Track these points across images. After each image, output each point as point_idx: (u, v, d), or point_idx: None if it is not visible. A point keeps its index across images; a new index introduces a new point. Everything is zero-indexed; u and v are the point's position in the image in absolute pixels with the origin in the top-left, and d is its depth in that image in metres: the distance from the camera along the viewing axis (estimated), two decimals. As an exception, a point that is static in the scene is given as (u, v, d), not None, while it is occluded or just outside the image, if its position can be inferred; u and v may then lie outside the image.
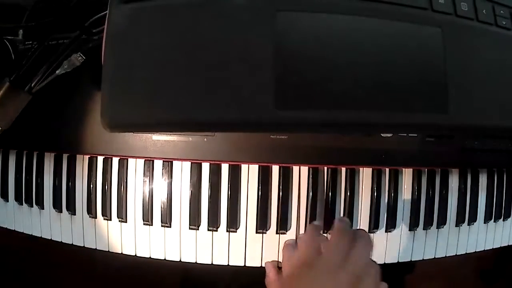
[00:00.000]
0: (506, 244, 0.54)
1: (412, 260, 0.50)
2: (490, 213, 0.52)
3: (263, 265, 0.47)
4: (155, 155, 0.47)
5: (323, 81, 0.31)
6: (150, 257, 0.48)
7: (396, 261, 0.50)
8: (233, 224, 0.47)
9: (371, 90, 0.32)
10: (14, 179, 0.51)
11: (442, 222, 0.50)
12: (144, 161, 0.47)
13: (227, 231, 0.47)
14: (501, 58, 0.35)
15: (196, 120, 0.31)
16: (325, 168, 0.48)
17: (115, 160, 0.48)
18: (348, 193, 0.48)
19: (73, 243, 0.50)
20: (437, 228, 0.50)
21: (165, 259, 0.48)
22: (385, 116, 0.32)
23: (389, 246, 0.49)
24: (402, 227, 0.49)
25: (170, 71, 0.30)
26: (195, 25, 0.31)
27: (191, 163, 0.47)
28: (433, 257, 0.51)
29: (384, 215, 0.49)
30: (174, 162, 0.47)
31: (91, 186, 0.48)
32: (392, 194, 0.49)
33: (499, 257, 0.63)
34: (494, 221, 0.52)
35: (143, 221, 0.48)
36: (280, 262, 0.47)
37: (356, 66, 0.32)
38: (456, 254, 0.51)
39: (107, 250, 0.49)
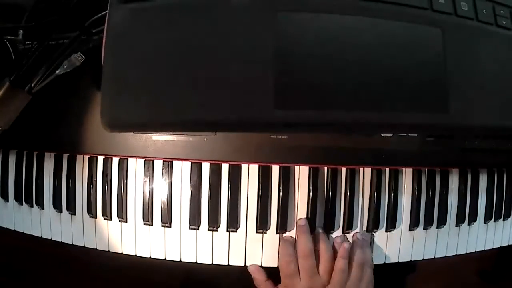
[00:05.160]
0: (506, 244, 0.54)
1: (412, 260, 0.50)
2: (490, 213, 0.52)
3: (263, 265, 0.47)
4: (155, 155, 0.47)
5: (322, 81, 0.31)
6: (150, 257, 0.48)
7: (396, 261, 0.50)
8: (233, 224, 0.47)
9: (371, 90, 0.32)
10: (14, 179, 0.51)
11: (442, 222, 0.50)
12: (144, 161, 0.47)
13: (227, 231, 0.47)
14: (501, 58, 0.35)
15: (196, 120, 0.31)
16: (325, 168, 0.48)
17: (115, 160, 0.48)
18: (348, 193, 0.48)
19: (73, 243, 0.50)
20: (437, 228, 0.50)
21: (165, 259, 0.48)
22: (385, 116, 0.32)
23: (389, 246, 0.49)
24: (402, 227, 0.49)
25: (169, 71, 0.30)
26: (195, 25, 0.31)
27: (191, 163, 0.47)
28: (433, 257, 0.51)
29: (384, 215, 0.49)
30: (174, 162, 0.47)
31: (91, 186, 0.48)
32: (392, 194, 0.49)
33: (499, 257, 0.63)
34: (494, 221, 0.52)
35: (143, 221, 0.48)
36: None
37: (356, 66, 0.32)
38: (456, 254, 0.51)
39: (107, 250, 0.49)
